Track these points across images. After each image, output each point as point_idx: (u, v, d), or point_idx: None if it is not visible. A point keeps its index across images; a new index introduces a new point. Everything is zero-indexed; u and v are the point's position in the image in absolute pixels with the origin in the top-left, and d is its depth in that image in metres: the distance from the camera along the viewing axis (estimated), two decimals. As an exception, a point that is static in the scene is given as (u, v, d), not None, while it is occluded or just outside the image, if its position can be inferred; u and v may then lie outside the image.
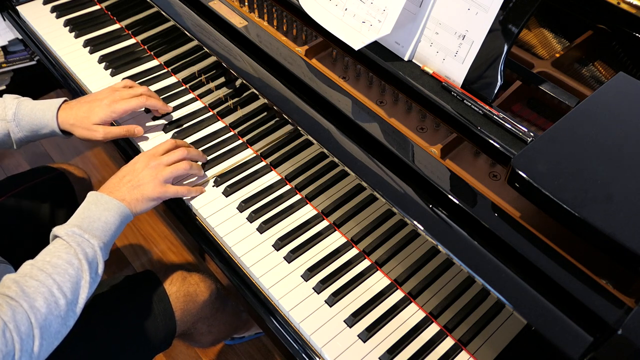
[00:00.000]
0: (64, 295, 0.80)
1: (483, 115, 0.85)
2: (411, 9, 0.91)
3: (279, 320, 0.94)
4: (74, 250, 0.84)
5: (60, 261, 0.82)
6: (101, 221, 0.89)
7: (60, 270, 0.81)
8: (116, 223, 0.91)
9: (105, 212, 0.90)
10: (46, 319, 0.77)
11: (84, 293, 0.83)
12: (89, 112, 1.08)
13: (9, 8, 1.51)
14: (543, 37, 1.09)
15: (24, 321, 0.74)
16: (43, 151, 2.19)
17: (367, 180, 0.88)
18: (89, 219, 0.89)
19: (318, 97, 0.96)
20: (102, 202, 0.92)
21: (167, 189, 0.99)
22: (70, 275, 0.81)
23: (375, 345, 0.89)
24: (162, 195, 0.99)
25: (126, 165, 1.01)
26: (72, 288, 0.81)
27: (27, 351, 0.74)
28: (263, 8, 1.12)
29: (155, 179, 0.98)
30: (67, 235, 0.85)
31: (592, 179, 0.70)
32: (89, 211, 0.90)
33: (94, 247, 0.86)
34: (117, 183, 0.97)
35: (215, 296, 1.19)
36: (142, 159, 1.01)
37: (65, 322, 0.80)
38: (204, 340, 1.29)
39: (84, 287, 0.83)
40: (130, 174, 0.98)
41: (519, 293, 0.73)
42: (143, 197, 0.96)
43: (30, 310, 0.75)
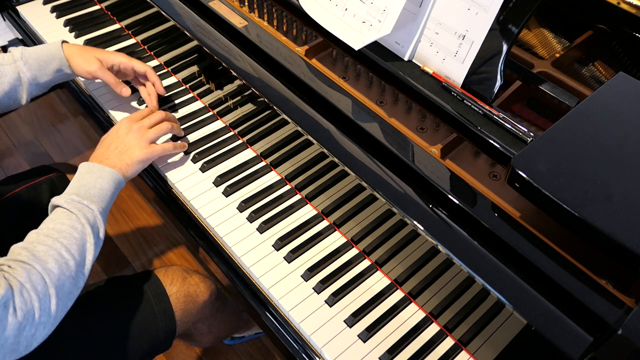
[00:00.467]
0: (72, 257, 0.82)
1: (483, 115, 0.85)
2: (411, 9, 0.91)
3: (279, 320, 0.94)
4: (75, 215, 0.87)
5: (64, 227, 0.85)
6: (97, 188, 0.92)
7: (66, 235, 0.84)
8: (111, 189, 0.94)
9: (100, 180, 0.93)
10: (59, 279, 0.79)
11: (90, 255, 0.86)
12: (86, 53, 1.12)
13: (9, 8, 1.51)
14: (543, 37, 1.09)
15: (39, 281, 0.77)
16: (43, 151, 2.19)
17: (367, 180, 0.88)
18: (85, 187, 0.92)
19: (318, 97, 0.96)
20: (95, 170, 0.95)
21: (153, 149, 1.04)
22: (76, 239, 0.84)
23: (375, 345, 0.89)
24: (150, 155, 1.03)
25: (108, 133, 1.04)
26: (79, 250, 0.84)
27: (46, 310, 0.77)
28: (263, 8, 1.12)
29: (141, 140, 1.02)
30: (67, 203, 0.88)
31: (592, 179, 0.70)
32: (84, 180, 0.93)
33: (93, 212, 0.89)
34: (105, 152, 1.00)
35: (216, 296, 1.19)
36: (124, 124, 1.04)
37: (76, 282, 0.83)
38: (204, 340, 1.29)
39: (89, 249, 0.86)
40: (116, 140, 1.02)
41: (519, 293, 0.73)
42: (132, 161, 1.00)
43: (44, 272, 0.78)
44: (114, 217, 1.97)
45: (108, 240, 1.91)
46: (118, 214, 1.99)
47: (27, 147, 2.21)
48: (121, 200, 2.03)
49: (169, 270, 1.13)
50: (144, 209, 2.01)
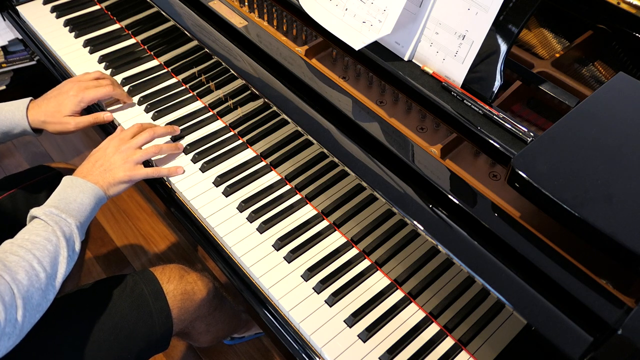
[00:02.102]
0: (43, 269, 0.83)
1: (483, 115, 0.85)
2: (411, 9, 0.91)
3: (278, 320, 0.94)
4: (51, 228, 0.87)
5: (39, 238, 0.85)
6: (77, 202, 0.93)
7: (40, 247, 0.84)
8: (91, 204, 0.95)
9: (81, 194, 0.94)
10: (28, 291, 0.80)
11: (62, 268, 0.86)
12: (58, 106, 1.12)
13: (9, 8, 1.51)
14: (543, 37, 1.09)
15: (7, 292, 0.77)
16: (43, 151, 2.20)
17: (367, 180, 0.88)
18: (65, 200, 0.93)
19: (318, 97, 0.96)
20: (77, 184, 0.96)
21: (137, 172, 1.04)
22: (49, 251, 0.85)
23: (375, 345, 0.89)
24: (133, 177, 1.03)
25: (97, 149, 1.05)
26: (51, 263, 0.84)
27: (11, 321, 0.77)
28: (263, 8, 1.12)
29: (127, 162, 1.03)
30: (45, 215, 0.88)
31: (592, 179, 0.70)
32: (65, 193, 0.94)
33: (70, 226, 0.89)
34: (90, 168, 1.01)
35: (213, 294, 1.19)
36: (112, 143, 1.05)
37: (45, 295, 0.83)
38: (202, 340, 1.28)
39: (62, 262, 0.86)
40: (102, 158, 1.03)
41: (519, 293, 0.73)
42: (115, 181, 1.01)
43: (13, 282, 0.78)
44: (114, 217, 1.97)
45: (108, 240, 1.91)
46: (118, 214, 1.99)
47: (27, 147, 2.21)
48: (121, 200, 2.03)
49: (165, 268, 1.13)
50: (143, 209, 2.01)
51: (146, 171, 1.06)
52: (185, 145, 1.15)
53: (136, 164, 1.04)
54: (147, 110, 1.23)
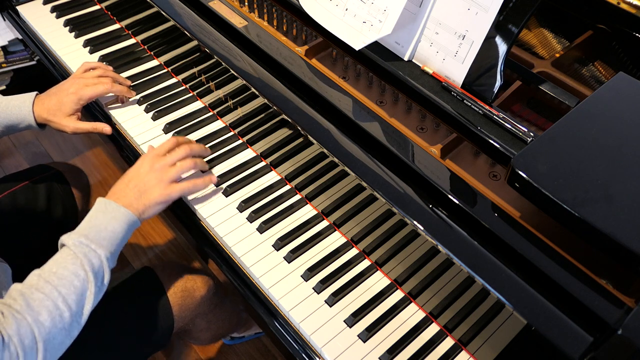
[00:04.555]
0: (68, 308, 0.80)
1: (483, 115, 0.85)
2: (411, 9, 0.91)
3: (278, 320, 0.94)
4: (80, 261, 0.84)
5: (66, 272, 0.82)
6: (108, 230, 0.89)
7: (66, 282, 0.81)
8: (123, 232, 0.91)
9: (113, 221, 0.90)
10: (50, 332, 0.78)
11: (89, 304, 0.84)
12: (59, 104, 1.12)
13: (9, 8, 1.50)
14: (543, 37, 1.09)
15: (28, 334, 0.75)
16: (43, 151, 2.19)
17: (367, 180, 0.88)
18: (96, 227, 0.88)
19: (318, 97, 0.96)
20: (110, 210, 0.91)
21: (173, 190, 0.98)
22: (76, 287, 0.82)
23: (375, 345, 0.89)
24: (169, 197, 0.97)
25: (131, 168, 0.99)
26: (77, 300, 0.82)
27: None
28: (263, 8, 1.12)
29: (161, 181, 0.97)
30: (74, 245, 0.85)
31: (592, 179, 0.70)
32: (97, 220, 0.90)
33: (100, 258, 0.86)
34: (124, 189, 0.96)
35: (213, 292, 1.19)
36: (146, 161, 0.99)
37: (69, 333, 0.81)
38: (202, 337, 1.29)
39: (89, 297, 0.84)
40: (135, 178, 0.97)
41: (519, 293, 0.73)
42: (150, 202, 0.95)
43: (35, 324, 0.76)
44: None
45: (108, 240, 1.91)
46: (118, 214, 1.98)
47: (27, 147, 2.21)
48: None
49: (166, 265, 1.13)
50: (144, 209, 2.00)
51: (181, 187, 0.99)
52: (185, 145, 1.15)
53: (171, 182, 0.98)
54: (147, 110, 1.23)
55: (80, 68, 1.20)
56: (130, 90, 1.23)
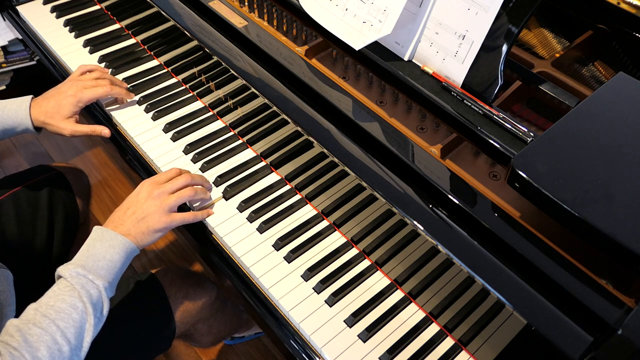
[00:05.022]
0: (67, 342, 0.78)
1: (483, 115, 0.85)
2: (411, 9, 0.91)
3: (279, 320, 0.94)
4: (77, 292, 0.82)
5: (64, 305, 0.80)
6: (106, 259, 0.87)
7: (64, 316, 0.79)
8: (121, 260, 0.89)
9: (110, 250, 0.88)
10: None
11: (89, 336, 0.82)
12: (57, 106, 1.11)
13: (9, 8, 1.50)
14: (543, 37, 1.09)
15: None
16: (43, 151, 2.19)
17: (367, 180, 0.88)
18: (94, 257, 0.87)
19: (318, 97, 0.96)
20: (107, 238, 0.90)
21: (172, 218, 0.96)
22: (74, 320, 0.80)
23: (375, 345, 0.89)
24: (167, 225, 0.95)
25: (130, 196, 0.98)
26: (76, 333, 0.80)
27: None
28: (263, 8, 1.12)
29: (160, 208, 0.95)
30: (71, 277, 0.83)
31: (592, 179, 0.70)
32: (94, 249, 0.88)
33: (98, 288, 0.84)
34: (122, 216, 0.94)
35: (215, 297, 1.19)
36: (144, 188, 0.97)
37: None
38: (204, 341, 1.29)
39: (88, 330, 0.81)
40: (134, 205, 0.95)
41: (519, 293, 0.73)
42: (149, 230, 0.94)
43: None
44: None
45: (108, 240, 1.91)
46: (118, 214, 1.98)
47: (27, 147, 2.21)
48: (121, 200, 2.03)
49: (168, 271, 1.13)
50: (144, 209, 2.00)
51: (182, 216, 0.97)
52: (185, 145, 1.15)
53: (170, 210, 0.96)
54: (147, 110, 1.23)
55: (77, 71, 1.19)
56: (128, 92, 1.23)
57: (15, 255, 1.15)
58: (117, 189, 2.08)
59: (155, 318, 1.05)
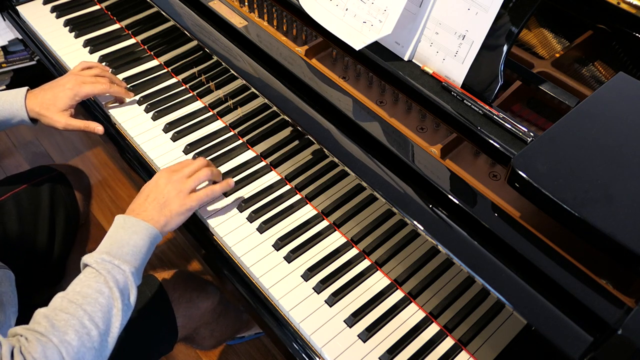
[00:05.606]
0: (95, 326, 0.77)
1: (483, 115, 0.85)
2: (411, 9, 0.91)
3: (279, 320, 0.94)
4: (104, 278, 0.81)
5: (90, 290, 0.80)
6: (130, 245, 0.87)
7: (91, 300, 0.79)
8: (146, 245, 0.89)
9: (134, 236, 0.88)
10: (78, 352, 0.74)
11: (117, 322, 0.80)
12: (54, 98, 1.11)
13: (9, 8, 1.51)
14: (543, 37, 1.09)
15: (55, 356, 0.72)
16: (43, 151, 2.19)
17: (367, 180, 0.88)
18: (118, 243, 0.86)
19: (318, 97, 0.96)
20: (130, 224, 0.89)
21: (192, 199, 0.97)
22: (101, 305, 0.79)
23: (375, 345, 0.89)
24: (190, 207, 0.96)
25: (148, 183, 0.98)
26: (104, 317, 0.79)
27: None
28: (263, 8, 1.12)
29: (181, 192, 0.96)
30: (97, 263, 0.83)
31: (592, 179, 0.70)
32: (118, 235, 0.88)
33: (124, 273, 0.83)
34: (143, 203, 0.94)
35: (218, 302, 1.19)
36: (163, 175, 0.98)
37: (100, 353, 0.78)
38: (205, 344, 1.29)
39: (116, 315, 0.80)
40: (154, 191, 0.96)
41: (519, 293, 0.73)
42: (172, 214, 0.94)
43: (61, 345, 0.73)
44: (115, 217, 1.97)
45: (108, 240, 1.91)
46: (118, 214, 1.98)
47: (27, 147, 2.21)
48: (121, 200, 2.03)
49: (171, 275, 1.13)
50: (144, 209, 2.00)
51: (200, 195, 0.98)
52: (186, 145, 1.15)
53: (190, 191, 0.97)
54: (147, 110, 1.23)
55: (78, 65, 1.20)
56: (127, 92, 1.22)
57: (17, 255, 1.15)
58: (117, 189, 2.08)
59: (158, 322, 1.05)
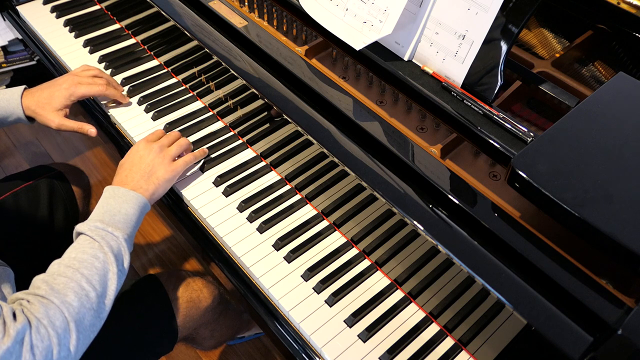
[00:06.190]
0: (93, 288, 0.80)
1: (483, 115, 0.85)
2: (411, 9, 0.91)
3: (279, 320, 0.94)
4: (98, 244, 0.85)
5: (85, 256, 0.83)
6: (122, 214, 0.90)
7: (87, 264, 0.82)
8: (136, 214, 0.93)
9: (125, 205, 0.91)
10: (79, 312, 0.77)
11: (113, 285, 0.83)
12: (49, 97, 1.12)
13: (9, 8, 1.51)
14: (543, 37, 1.09)
15: (58, 316, 0.75)
16: (43, 151, 2.20)
17: (367, 180, 0.88)
18: (110, 212, 0.90)
19: (318, 97, 0.96)
20: (120, 194, 0.93)
21: (176, 165, 1.02)
22: (97, 269, 0.82)
23: (375, 345, 0.89)
24: (175, 172, 1.01)
25: (128, 156, 1.02)
26: (101, 280, 0.82)
27: (65, 345, 0.75)
28: (263, 8, 1.12)
29: (164, 160, 1.01)
30: (91, 230, 0.86)
31: (592, 179, 0.70)
32: (109, 205, 0.91)
33: (118, 240, 0.87)
34: (128, 174, 0.98)
35: (218, 302, 1.19)
36: (142, 145, 1.03)
37: (98, 314, 0.81)
38: (206, 344, 1.29)
39: (111, 279, 0.83)
40: (137, 163, 1.00)
41: (519, 293, 0.73)
42: (160, 181, 0.99)
43: (63, 305, 0.76)
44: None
45: (108, 240, 1.91)
46: (118, 214, 1.98)
47: (27, 147, 2.21)
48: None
49: (171, 274, 1.13)
50: (144, 209, 2.00)
51: (185, 160, 1.05)
52: (185, 145, 1.15)
53: (172, 159, 1.03)
54: (147, 110, 1.23)
55: (79, 67, 1.21)
56: (124, 96, 1.23)
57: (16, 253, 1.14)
58: (117, 189, 2.08)
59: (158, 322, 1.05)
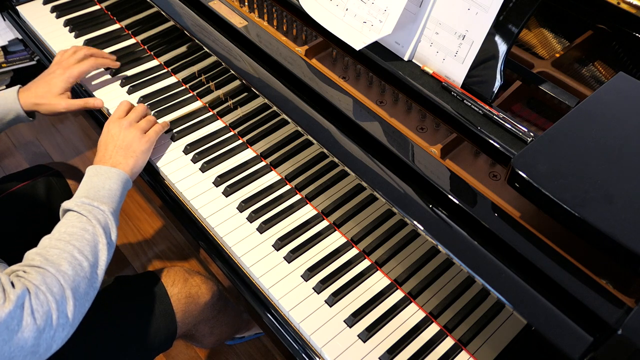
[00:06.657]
0: (85, 258, 0.83)
1: (483, 115, 0.85)
2: (411, 9, 0.91)
3: (279, 320, 0.94)
4: (86, 218, 0.88)
5: (75, 229, 0.85)
6: (105, 189, 0.94)
7: (78, 237, 0.85)
8: (119, 189, 0.96)
9: (108, 181, 0.95)
10: (74, 281, 0.80)
11: (103, 256, 0.86)
12: (47, 86, 1.15)
13: (9, 8, 1.51)
14: (543, 37, 1.09)
15: (55, 283, 0.77)
16: (43, 151, 2.20)
17: (367, 180, 0.88)
18: (94, 189, 0.93)
19: (318, 97, 0.96)
20: (102, 172, 0.97)
21: (149, 136, 1.07)
22: (88, 240, 0.85)
23: (375, 345, 0.89)
24: (149, 143, 1.06)
25: (101, 137, 1.06)
26: (92, 251, 0.85)
27: (63, 311, 0.77)
28: (263, 8, 1.12)
29: (137, 133, 1.06)
30: (77, 206, 0.89)
31: (592, 179, 0.70)
32: (92, 182, 0.94)
33: (104, 213, 0.90)
34: (105, 153, 1.02)
35: (217, 298, 1.19)
36: (112, 125, 1.06)
37: (91, 283, 0.83)
38: (205, 342, 1.29)
39: (102, 250, 0.86)
40: (112, 141, 1.04)
41: (519, 293, 0.73)
42: (137, 154, 1.03)
43: (58, 274, 0.78)
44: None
45: (108, 240, 1.91)
46: (118, 214, 1.99)
47: (27, 147, 2.21)
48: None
49: (170, 271, 1.13)
50: (143, 209, 2.01)
51: (155, 130, 1.10)
52: (185, 145, 1.15)
53: (144, 131, 1.07)
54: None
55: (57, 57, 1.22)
56: (114, 62, 1.27)
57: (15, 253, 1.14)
58: (117, 189, 2.08)
59: (157, 318, 1.05)
